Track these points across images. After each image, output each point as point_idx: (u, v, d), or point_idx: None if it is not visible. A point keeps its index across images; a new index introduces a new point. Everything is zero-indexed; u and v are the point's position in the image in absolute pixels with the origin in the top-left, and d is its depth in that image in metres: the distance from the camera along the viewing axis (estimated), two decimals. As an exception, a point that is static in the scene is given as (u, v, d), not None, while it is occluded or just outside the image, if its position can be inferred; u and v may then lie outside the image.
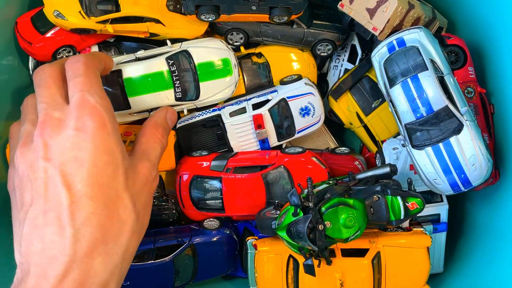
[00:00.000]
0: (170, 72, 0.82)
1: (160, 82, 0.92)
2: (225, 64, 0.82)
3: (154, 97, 0.96)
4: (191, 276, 1.25)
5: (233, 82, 0.86)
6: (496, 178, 1.24)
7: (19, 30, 1.27)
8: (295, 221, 1.05)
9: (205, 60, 0.91)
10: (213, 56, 0.96)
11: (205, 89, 0.86)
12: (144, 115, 1.14)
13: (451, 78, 1.15)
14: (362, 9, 1.24)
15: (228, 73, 0.82)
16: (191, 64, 0.87)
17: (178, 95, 0.87)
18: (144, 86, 0.91)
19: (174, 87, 0.80)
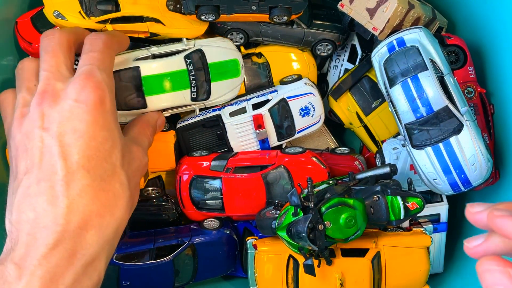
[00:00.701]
0: (188, 72, 0.82)
1: (179, 82, 0.92)
2: (234, 64, 0.84)
3: (171, 97, 0.97)
4: (191, 276, 1.25)
5: (239, 83, 0.89)
6: (496, 178, 1.24)
7: (19, 30, 1.27)
8: (295, 221, 1.05)
9: (216, 60, 0.92)
10: (223, 56, 0.95)
11: (215, 89, 0.88)
12: None
13: (451, 78, 1.15)
14: (362, 9, 1.24)
15: (236, 74, 0.84)
16: (204, 63, 0.87)
17: (193, 95, 0.88)
18: (163, 85, 0.91)
19: (190, 87, 0.84)
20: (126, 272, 1.17)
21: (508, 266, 0.43)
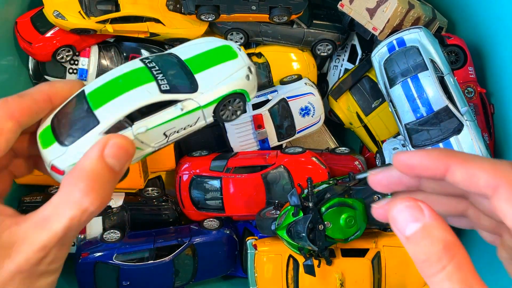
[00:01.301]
0: (148, 68, 0.63)
1: (135, 79, 0.63)
2: (224, 49, 0.67)
3: (129, 97, 0.61)
4: (191, 276, 1.25)
5: (243, 65, 0.68)
6: (496, 178, 1.24)
7: (19, 30, 1.27)
8: (295, 221, 1.05)
9: (194, 54, 0.68)
10: (204, 48, 0.70)
11: (204, 79, 0.65)
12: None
13: (451, 78, 1.15)
14: (362, 9, 1.24)
15: (231, 56, 0.66)
16: (177, 60, 0.67)
17: (164, 87, 0.61)
18: (114, 90, 0.62)
19: (155, 80, 0.61)
20: (126, 272, 1.17)
21: (418, 200, 0.43)
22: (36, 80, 1.36)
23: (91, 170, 0.52)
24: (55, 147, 0.60)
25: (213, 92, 0.65)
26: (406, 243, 0.43)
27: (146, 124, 0.62)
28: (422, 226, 0.42)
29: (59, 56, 1.30)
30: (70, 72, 1.35)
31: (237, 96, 0.67)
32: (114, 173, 0.54)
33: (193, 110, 0.65)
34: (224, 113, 0.68)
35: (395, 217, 0.43)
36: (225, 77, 0.67)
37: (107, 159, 0.54)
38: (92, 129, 0.59)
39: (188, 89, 0.64)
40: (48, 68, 1.35)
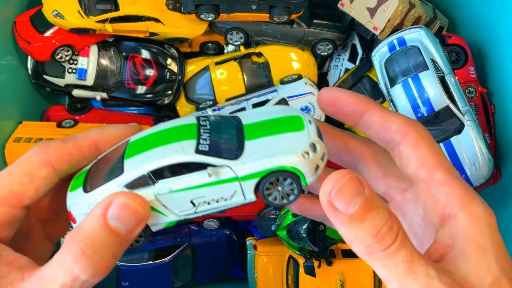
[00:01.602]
0: (198, 126, 0.55)
1: (177, 134, 0.55)
2: (293, 120, 0.49)
3: (160, 151, 0.54)
4: (191, 277, 1.24)
5: (306, 140, 0.51)
6: (497, 178, 1.23)
7: (18, 30, 1.26)
8: (295, 221, 1.04)
9: (257, 120, 0.56)
10: (273, 115, 0.58)
11: (253, 147, 0.53)
12: None
13: (452, 77, 1.14)
14: (362, 9, 1.24)
15: (296, 128, 0.53)
16: (236, 124, 0.57)
17: (202, 148, 0.52)
18: (152, 142, 0.55)
19: (198, 138, 0.54)
20: (126, 272, 1.17)
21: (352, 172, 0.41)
22: (35, 79, 1.36)
23: (88, 232, 0.45)
24: (78, 192, 0.54)
25: (255, 164, 0.52)
26: (349, 222, 0.40)
27: (171, 185, 0.52)
28: (366, 198, 0.40)
29: (58, 55, 1.29)
30: (69, 71, 1.34)
31: (288, 176, 0.52)
32: (119, 237, 0.46)
33: (227, 180, 0.52)
34: (271, 194, 0.53)
35: (337, 196, 0.40)
36: (277, 150, 0.52)
37: (110, 220, 0.46)
38: (114, 179, 0.52)
39: (229, 155, 0.52)
40: (47, 68, 1.34)
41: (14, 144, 1.22)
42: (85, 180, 0.54)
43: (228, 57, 1.41)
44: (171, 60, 1.39)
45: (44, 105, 1.44)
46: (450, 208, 0.45)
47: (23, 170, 0.51)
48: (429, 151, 0.47)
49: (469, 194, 0.45)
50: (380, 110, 0.50)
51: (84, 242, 0.44)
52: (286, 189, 0.52)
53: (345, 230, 0.41)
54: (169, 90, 1.39)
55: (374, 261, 0.41)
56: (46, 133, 1.26)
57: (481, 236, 0.43)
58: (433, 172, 0.47)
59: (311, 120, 0.53)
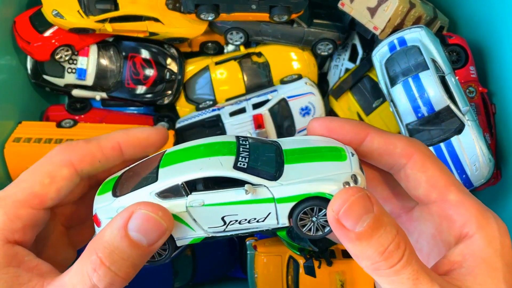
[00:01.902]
0: (238, 144, 0.54)
1: (216, 150, 0.54)
2: (334, 150, 0.52)
3: (197, 164, 0.52)
4: (190, 277, 1.24)
5: (348, 171, 0.50)
6: (497, 179, 1.23)
7: (18, 29, 1.26)
8: (295, 221, 1.04)
9: (297, 147, 0.55)
10: (313, 144, 0.56)
11: (292, 171, 0.51)
12: None
13: (452, 77, 1.14)
14: (362, 8, 1.23)
15: (338, 158, 0.51)
16: (275, 148, 0.55)
17: (240, 164, 0.51)
18: (189, 155, 0.54)
19: (236, 155, 0.52)
20: (125, 273, 1.17)
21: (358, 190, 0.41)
22: (34, 79, 1.35)
23: (108, 242, 0.44)
24: (107, 196, 0.52)
25: (294, 187, 0.49)
26: (356, 240, 0.40)
27: (204, 199, 0.50)
28: (374, 216, 0.40)
29: (57, 55, 1.29)
30: (69, 71, 1.34)
31: (324, 204, 0.48)
32: (140, 249, 0.45)
33: (263, 200, 0.50)
34: (305, 224, 0.50)
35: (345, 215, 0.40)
36: (317, 176, 0.50)
37: (131, 232, 0.44)
38: (147, 186, 0.50)
39: (267, 175, 0.50)
40: (47, 68, 1.34)
41: (14, 144, 1.22)
42: (115, 185, 0.52)
43: (228, 57, 1.41)
44: (171, 60, 1.39)
45: (43, 105, 1.43)
46: (467, 229, 0.45)
47: (44, 171, 0.50)
48: (437, 172, 0.47)
49: (484, 214, 0.45)
50: (379, 134, 0.49)
51: (104, 252, 0.44)
52: (321, 220, 0.49)
53: (351, 247, 0.41)
54: (169, 90, 1.39)
55: (380, 277, 0.41)
56: (45, 133, 1.26)
57: (494, 257, 0.43)
58: (445, 193, 0.46)
59: (353, 153, 0.51)
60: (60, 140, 1.24)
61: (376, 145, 0.48)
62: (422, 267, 0.41)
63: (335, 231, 0.41)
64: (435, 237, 0.48)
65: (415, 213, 0.51)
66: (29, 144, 1.22)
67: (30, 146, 1.22)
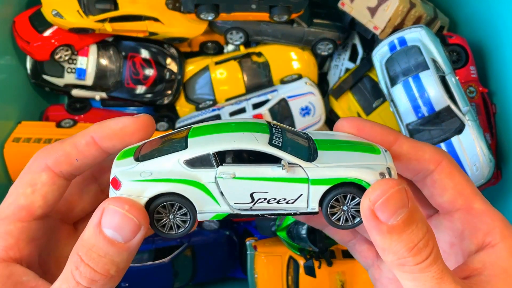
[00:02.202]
0: (270, 127, 0.52)
1: (249, 127, 0.51)
2: (367, 145, 0.52)
3: (231, 137, 0.50)
4: (190, 277, 1.24)
5: (383, 163, 0.48)
6: (498, 179, 1.23)
7: (17, 29, 1.26)
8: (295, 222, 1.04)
9: (327, 138, 0.53)
10: (344, 137, 0.54)
11: (328, 155, 0.50)
12: None
13: (452, 77, 1.14)
14: (363, 8, 1.23)
15: (373, 151, 0.50)
16: (306, 137, 0.53)
17: (275, 142, 0.49)
18: (221, 129, 0.52)
19: (270, 134, 0.50)
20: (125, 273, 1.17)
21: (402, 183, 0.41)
22: (34, 79, 1.35)
23: (86, 240, 0.44)
24: (128, 160, 0.49)
25: (331, 169, 0.48)
26: (387, 233, 0.39)
27: (235, 171, 0.48)
28: (409, 211, 0.39)
29: (57, 55, 1.29)
30: (69, 71, 1.34)
31: (359, 192, 0.47)
32: (117, 245, 0.43)
33: (297, 179, 0.48)
34: (335, 212, 0.48)
35: (382, 207, 0.40)
36: (354, 163, 0.48)
37: (104, 229, 0.43)
38: (174, 153, 0.48)
39: (303, 156, 0.49)
40: (47, 68, 1.34)
41: (13, 144, 1.22)
42: (137, 152, 0.50)
43: (228, 57, 1.41)
44: (171, 60, 1.39)
45: (43, 105, 1.43)
46: (490, 238, 0.45)
47: (25, 181, 0.49)
48: (463, 180, 0.48)
49: (508, 225, 0.46)
50: (408, 140, 0.49)
51: (82, 250, 0.43)
52: (352, 210, 0.47)
53: (380, 240, 0.41)
54: (169, 90, 1.39)
55: (403, 273, 0.41)
56: (45, 133, 1.26)
57: None
58: (471, 201, 0.47)
59: (386, 150, 0.49)
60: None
61: (405, 150, 0.49)
62: (446, 268, 0.41)
63: (366, 221, 0.41)
64: (453, 246, 0.48)
65: (433, 221, 0.51)
66: (29, 144, 1.22)
67: (30, 146, 1.22)
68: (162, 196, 0.47)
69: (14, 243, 0.47)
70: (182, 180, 0.47)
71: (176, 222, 0.48)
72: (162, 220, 0.48)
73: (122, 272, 0.45)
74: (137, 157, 0.49)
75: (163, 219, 0.48)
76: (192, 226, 0.48)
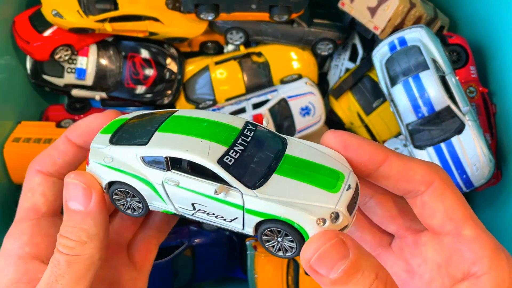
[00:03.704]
0: (240, 134, 0.51)
1: (215, 133, 0.50)
2: (333, 174, 0.47)
3: (188, 142, 0.49)
4: (190, 278, 1.24)
5: (330, 207, 0.45)
6: (498, 179, 1.23)
7: (17, 29, 1.26)
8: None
9: (300, 156, 0.50)
10: (319, 159, 0.50)
11: (277, 184, 0.47)
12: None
13: (452, 77, 1.14)
14: (363, 8, 1.23)
15: (329, 186, 0.46)
16: (279, 150, 0.51)
17: (226, 160, 0.48)
18: (189, 127, 0.51)
19: (230, 147, 0.49)
20: (125, 273, 1.16)
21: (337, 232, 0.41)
22: (34, 79, 1.35)
23: (63, 219, 0.51)
24: (105, 138, 0.53)
25: (267, 204, 0.46)
26: (331, 285, 0.39)
27: (180, 180, 0.49)
28: (350, 262, 0.38)
29: (57, 55, 1.29)
30: (69, 71, 1.34)
31: (291, 232, 0.45)
32: (79, 213, 0.50)
33: (233, 204, 0.48)
34: (269, 241, 0.48)
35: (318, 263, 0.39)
36: (298, 200, 0.46)
37: (68, 203, 0.50)
38: (135, 146, 0.50)
39: (248, 180, 0.47)
40: (47, 68, 1.34)
41: (13, 144, 1.22)
42: (117, 130, 0.54)
43: (228, 57, 1.41)
44: (171, 60, 1.39)
45: (43, 105, 1.43)
46: (476, 268, 0.43)
47: (26, 188, 0.57)
48: (456, 202, 0.45)
49: (497, 254, 0.44)
50: (398, 158, 0.46)
51: (61, 228, 0.51)
52: (286, 244, 0.47)
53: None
54: (169, 90, 1.38)
55: None
56: (45, 133, 1.26)
57: None
58: (461, 226, 0.45)
59: (351, 185, 0.46)
60: (60, 140, 1.24)
61: (394, 170, 0.46)
62: None
63: (310, 274, 0.40)
64: (440, 268, 0.47)
65: (423, 238, 0.49)
66: (29, 144, 1.22)
67: (30, 146, 1.22)
68: (118, 183, 0.51)
69: (28, 239, 0.53)
70: (134, 175, 0.50)
71: (133, 205, 0.53)
72: (121, 200, 0.53)
73: (96, 238, 0.50)
74: (112, 137, 0.53)
75: (122, 199, 0.53)
76: (146, 212, 0.52)
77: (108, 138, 0.53)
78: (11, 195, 1.24)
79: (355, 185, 0.47)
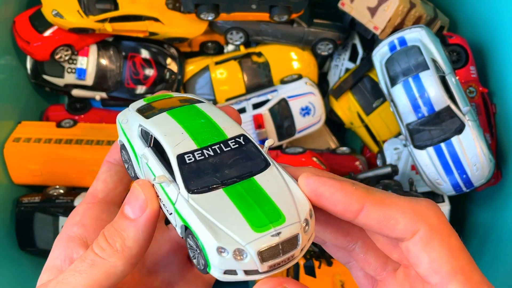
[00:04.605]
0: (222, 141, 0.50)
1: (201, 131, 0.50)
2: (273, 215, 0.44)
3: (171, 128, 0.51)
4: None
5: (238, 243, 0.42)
6: (498, 179, 1.23)
7: (17, 29, 1.26)
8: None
9: (262, 186, 0.47)
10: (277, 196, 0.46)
11: (212, 201, 0.46)
12: None
13: (452, 77, 1.14)
14: (363, 8, 1.23)
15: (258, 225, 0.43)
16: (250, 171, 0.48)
17: (186, 157, 0.48)
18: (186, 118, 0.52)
19: (202, 148, 0.48)
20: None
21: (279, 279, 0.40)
22: (34, 79, 1.35)
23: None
24: (139, 103, 0.58)
25: (189, 211, 0.45)
26: None
27: (149, 158, 0.51)
28: None
29: (57, 55, 1.29)
30: (69, 71, 1.34)
31: (198, 248, 0.44)
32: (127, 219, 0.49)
33: (168, 197, 0.48)
34: (191, 248, 0.46)
35: None
36: (214, 220, 0.44)
37: (124, 206, 0.50)
38: (141, 117, 0.55)
39: (192, 183, 0.46)
40: (47, 68, 1.34)
41: (13, 144, 1.22)
42: (150, 102, 0.57)
43: (228, 57, 1.41)
44: (171, 60, 1.39)
45: (43, 105, 1.43)
46: None
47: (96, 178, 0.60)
48: (444, 253, 0.41)
49: None
50: (377, 206, 0.42)
51: (107, 225, 0.50)
52: (199, 257, 0.45)
53: None
54: (169, 90, 1.39)
55: None
56: (45, 133, 1.26)
57: None
58: (447, 281, 0.41)
59: (281, 234, 0.42)
60: (60, 140, 1.24)
61: (373, 220, 0.42)
62: None
63: None
64: None
65: (399, 275, 0.46)
66: (29, 144, 1.22)
67: (30, 146, 1.22)
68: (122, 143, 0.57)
69: (79, 219, 0.55)
70: (129, 142, 0.54)
71: (130, 167, 0.56)
72: (127, 161, 0.57)
73: (127, 250, 0.47)
74: (141, 106, 0.57)
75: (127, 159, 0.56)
76: (134, 178, 0.55)
77: (140, 105, 0.57)
78: (11, 195, 1.24)
79: (287, 237, 0.43)
